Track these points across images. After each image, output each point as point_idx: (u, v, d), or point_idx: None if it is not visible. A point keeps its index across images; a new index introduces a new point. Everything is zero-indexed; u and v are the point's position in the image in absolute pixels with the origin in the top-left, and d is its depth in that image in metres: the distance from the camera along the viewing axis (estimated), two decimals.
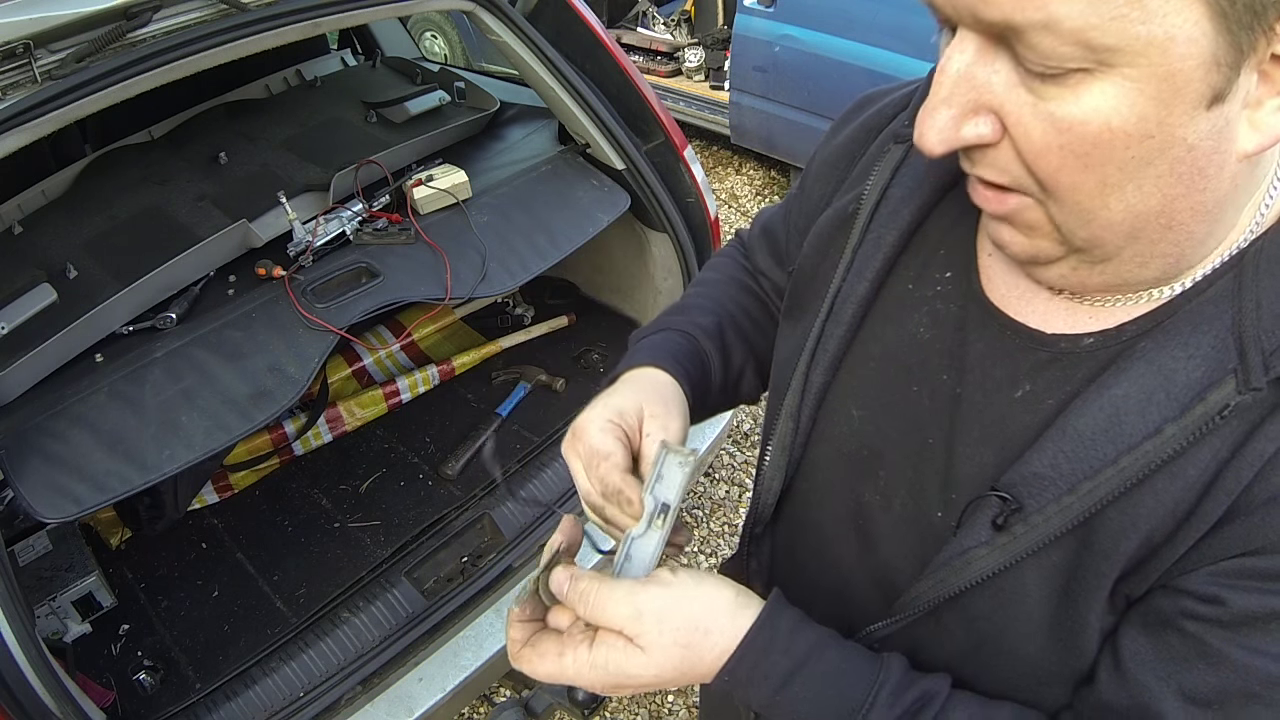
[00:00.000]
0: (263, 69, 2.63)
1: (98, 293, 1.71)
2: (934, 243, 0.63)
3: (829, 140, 0.76)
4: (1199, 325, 0.49)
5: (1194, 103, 0.40)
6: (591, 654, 0.55)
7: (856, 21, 3.42)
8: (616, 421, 0.64)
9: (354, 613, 1.75)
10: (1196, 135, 0.41)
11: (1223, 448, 0.47)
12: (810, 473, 0.70)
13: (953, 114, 0.45)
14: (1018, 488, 0.52)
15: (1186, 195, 0.45)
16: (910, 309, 0.63)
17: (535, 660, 0.57)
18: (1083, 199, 0.45)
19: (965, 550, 0.55)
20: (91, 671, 1.72)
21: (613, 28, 4.76)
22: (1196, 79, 0.39)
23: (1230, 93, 0.40)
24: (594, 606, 0.55)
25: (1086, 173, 0.43)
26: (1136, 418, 0.49)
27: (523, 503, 1.98)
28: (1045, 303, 0.56)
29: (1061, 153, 0.43)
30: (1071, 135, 0.42)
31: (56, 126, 1.44)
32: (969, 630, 0.58)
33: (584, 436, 0.64)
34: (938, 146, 0.46)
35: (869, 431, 0.65)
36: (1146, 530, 0.49)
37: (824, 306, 0.66)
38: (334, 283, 1.85)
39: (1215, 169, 0.44)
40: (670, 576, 0.57)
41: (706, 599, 0.57)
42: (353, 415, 2.33)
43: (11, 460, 1.46)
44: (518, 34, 1.94)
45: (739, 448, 2.94)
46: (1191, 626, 0.49)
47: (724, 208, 4.31)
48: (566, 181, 2.14)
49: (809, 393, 0.67)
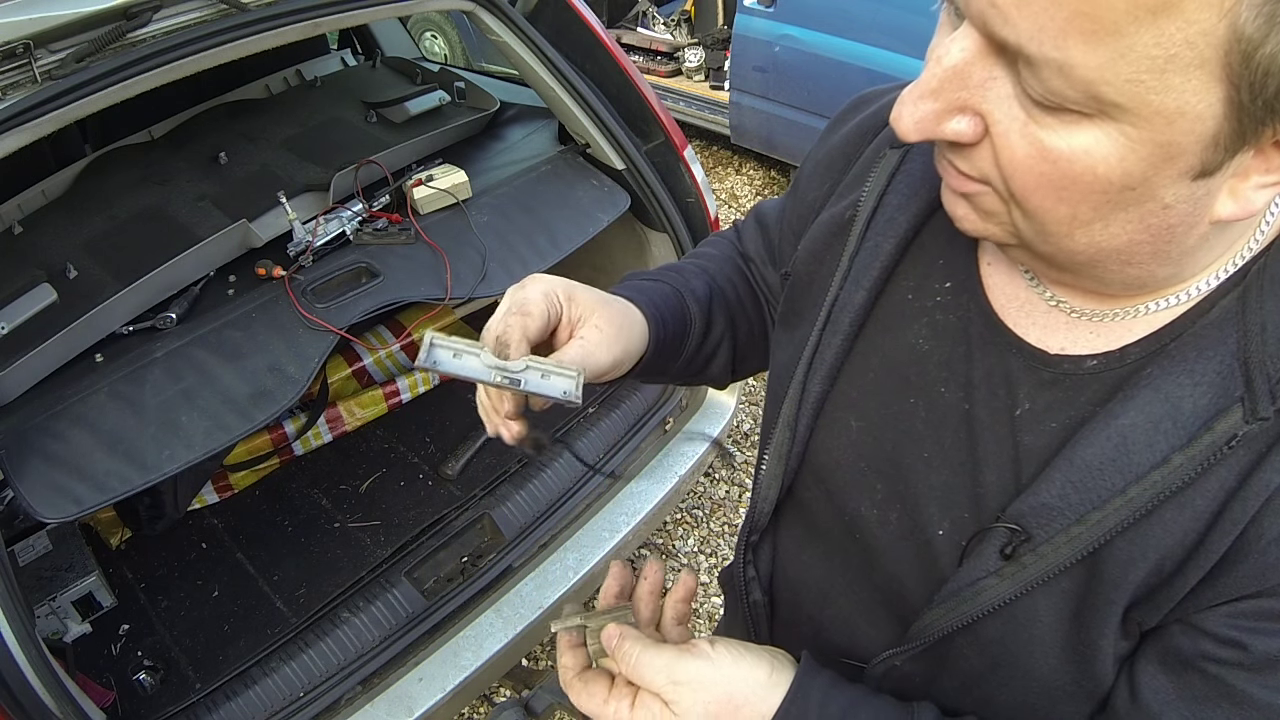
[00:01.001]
0: (263, 69, 2.63)
1: (98, 293, 1.71)
2: (932, 252, 0.62)
3: (824, 141, 0.75)
4: (1204, 350, 0.48)
5: (1182, 171, 0.40)
6: (632, 713, 0.59)
7: (856, 21, 3.42)
8: (560, 301, 0.65)
9: (354, 613, 1.75)
10: (1175, 198, 0.41)
11: (1230, 477, 0.46)
12: (809, 483, 0.70)
13: (937, 107, 0.44)
14: (1026, 518, 0.52)
15: (1151, 244, 0.45)
16: (909, 319, 0.62)
17: (584, 697, 0.61)
18: (1049, 223, 0.45)
19: (975, 580, 0.55)
20: (91, 671, 1.72)
21: (613, 28, 4.76)
22: (1192, 153, 0.39)
23: (1220, 170, 0.40)
24: (635, 668, 0.59)
25: (1059, 203, 0.43)
26: (1144, 448, 0.48)
27: (523, 503, 1.98)
28: (1044, 315, 0.56)
29: (1040, 178, 0.43)
30: (1054, 167, 0.41)
31: (56, 126, 1.44)
32: (983, 654, 0.58)
33: (527, 287, 0.65)
34: (914, 134, 0.46)
35: (866, 443, 0.64)
36: (1156, 560, 0.49)
37: (821, 315, 0.65)
38: (334, 283, 1.85)
39: (1185, 229, 0.44)
40: (710, 650, 0.59)
41: (742, 676, 0.58)
42: (353, 415, 2.33)
43: (11, 460, 1.46)
44: (518, 34, 1.94)
45: (739, 448, 2.94)
46: (1213, 669, 0.49)
47: (724, 208, 4.31)
48: (566, 181, 2.14)
49: (806, 402, 0.66)
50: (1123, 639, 0.52)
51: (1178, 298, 0.50)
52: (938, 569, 0.59)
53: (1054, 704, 0.57)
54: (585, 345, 0.64)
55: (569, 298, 0.65)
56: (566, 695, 0.63)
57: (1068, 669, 0.54)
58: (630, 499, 2.05)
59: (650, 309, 0.73)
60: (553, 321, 0.64)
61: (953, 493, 0.58)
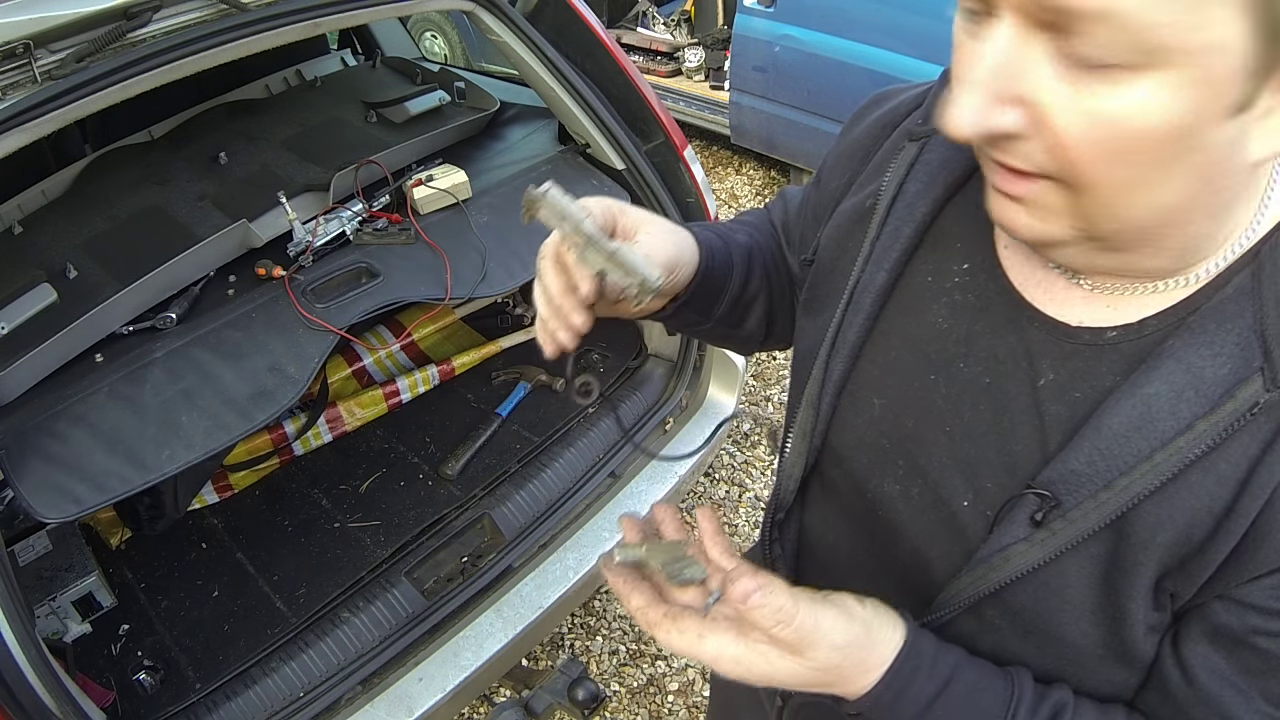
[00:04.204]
0: (263, 69, 2.62)
1: (98, 293, 1.71)
2: (950, 237, 0.64)
3: (844, 135, 0.78)
4: (1223, 323, 0.50)
5: (1224, 109, 0.41)
6: (741, 647, 0.55)
7: (856, 21, 3.42)
8: (614, 211, 0.66)
9: (354, 613, 1.75)
10: (1219, 140, 0.43)
11: (1253, 444, 0.48)
12: (833, 462, 0.71)
13: (986, 100, 0.45)
14: (1055, 485, 0.54)
15: (1203, 195, 0.46)
16: (929, 300, 0.64)
17: (675, 636, 0.57)
18: (1111, 193, 0.46)
19: (1004, 547, 0.56)
20: (91, 671, 1.72)
21: (613, 28, 4.76)
22: (1233, 85, 0.40)
23: (1253, 104, 0.42)
24: (793, 629, 0.54)
25: (1119, 168, 0.44)
26: (1168, 415, 0.50)
27: (523, 503, 1.98)
28: (1063, 291, 0.57)
29: (1096, 147, 0.43)
30: (1109, 130, 0.42)
31: (56, 126, 1.43)
32: (1013, 622, 0.59)
33: (585, 199, 0.64)
34: (968, 129, 0.46)
35: (889, 420, 0.66)
36: (1184, 524, 0.50)
37: (844, 297, 0.68)
38: (334, 283, 1.85)
39: (1230, 173, 0.46)
40: (859, 609, 0.57)
41: (867, 620, 0.57)
42: (353, 415, 2.33)
43: (11, 460, 1.46)
44: (518, 34, 1.94)
45: (739, 448, 2.94)
46: (1264, 643, 0.50)
47: (724, 208, 4.31)
48: (567, 181, 2.14)
49: (829, 381, 0.68)
50: (1154, 609, 0.53)
51: (1195, 276, 0.52)
52: (963, 540, 0.60)
53: (1086, 670, 0.58)
54: (642, 244, 0.65)
55: (621, 210, 0.67)
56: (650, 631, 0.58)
57: (1098, 633, 0.55)
58: (630, 499, 2.05)
59: (700, 236, 0.75)
60: (609, 225, 0.65)
61: (976, 465, 0.59)
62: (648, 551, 0.62)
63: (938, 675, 0.57)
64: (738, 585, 0.54)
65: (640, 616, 0.59)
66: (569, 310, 0.62)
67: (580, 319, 0.62)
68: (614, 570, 0.62)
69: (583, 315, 0.62)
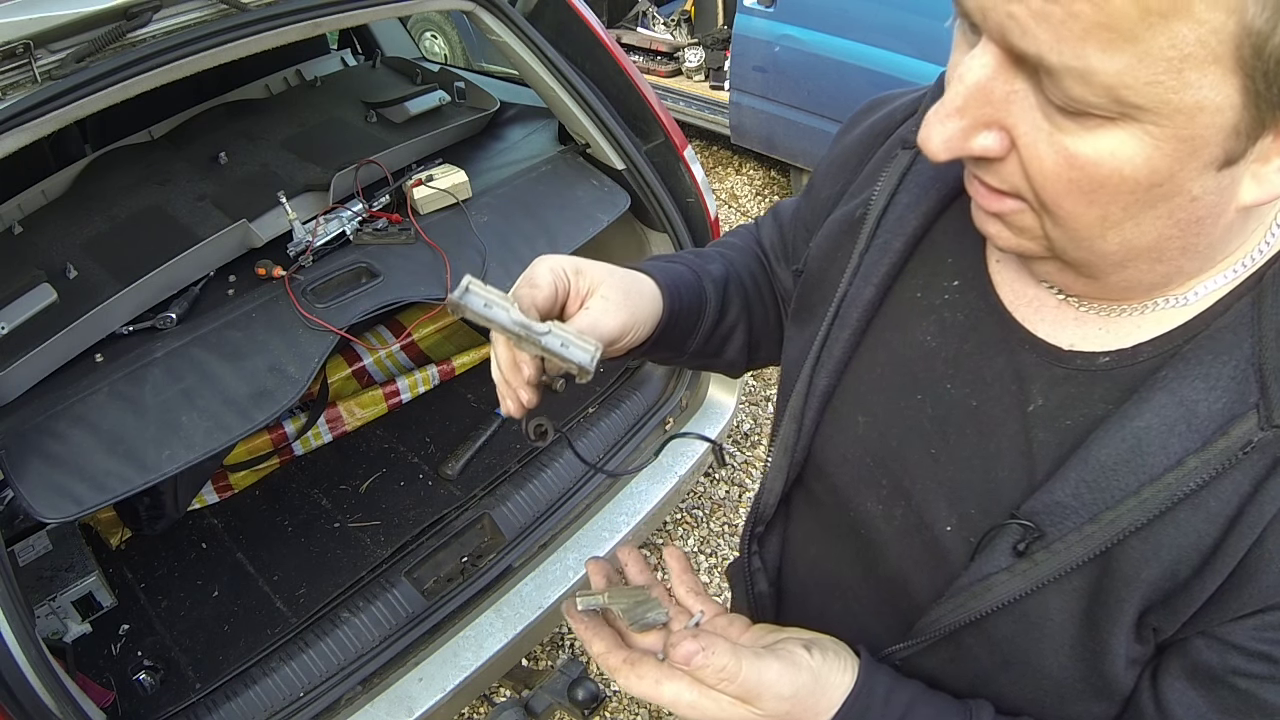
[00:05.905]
0: (263, 69, 2.62)
1: (98, 293, 1.71)
2: (941, 251, 0.63)
3: (837, 142, 0.76)
4: (1219, 354, 0.48)
5: (1207, 163, 0.40)
6: (696, 693, 0.56)
7: (856, 21, 3.42)
8: (568, 275, 0.65)
9: (354, 613, 1.75)
10: (1202, 189, 0.42)
11: (1244, 482, 0.47)
12: (815, 477, 0.70)
13: (963, 125, 0.45)
14: (1039, 516, 0.52)
15: (1180, 238, 0.45)
16: (918, 316, 0.62)
17: (634, 681, 0.59)
18: (1081, 228, 0.45)
19: (986, 576, 0.55)
20: (91, 671, 1.72)
21: (613, 28, 4.76)
22: (1214, 144, 0.39)
23: (1243, 157, 0.41)
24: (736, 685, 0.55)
25: (1090, 207, 0.43)
26: (1158, 450, 0.48)
27: (523, 503, 1.98)
28: (1054, 310, 0.56)
29: (1068, 185, 0.43)
30: (1081, 172, 0.42)
31: (56, 126, 1.44)
32: (992, 652, 0.58)
33: (536, 265, 0.65)
34: (942, 154, 0.46)
35: (873, 439, 0.64)
36: (1169, 561, 0.49)
37: (830, 310, 0.66)
38: (334, 283, 1.85)
39: (1213, 219, 0.44)
40: (806, 657, 0.58)
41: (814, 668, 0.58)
42: (353, 415, 2.33)
43: (11, 460, 1.46)
44: (518, 34, 1.94)
45: (739, 448, 2.94)
46: (1243, 684, 0.49)
47: (724, 208, 4.31)
48: (566, 181, 2.14)
49: (813, 395, 0.67)
50: (1136, 643, 0.52)
51: (1186, 298, 0.51)
52: (945, 565, 0.59)
53: (1064, 703, 0.57)
54: (591, 314, 0.64)
55: (576, 271, 0.66)
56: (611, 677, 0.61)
57: (1078, 667, 0.54)
58: (630, 499, 2.05)
59: (664, 280, 0.73)
60: (561, 295, 0.65)
61: (960, 489, 0.58)
62: (609, 597, 0.63)
63: (891, 715, 0.57)
64: (679, 648, 0.54)
65: (601, 661, 0.61)
66: (516, 386, 0.63)
67: (527, 395, 0.63)
68: (576, 617, 0.63)
69: (529, 393, 0.63)
